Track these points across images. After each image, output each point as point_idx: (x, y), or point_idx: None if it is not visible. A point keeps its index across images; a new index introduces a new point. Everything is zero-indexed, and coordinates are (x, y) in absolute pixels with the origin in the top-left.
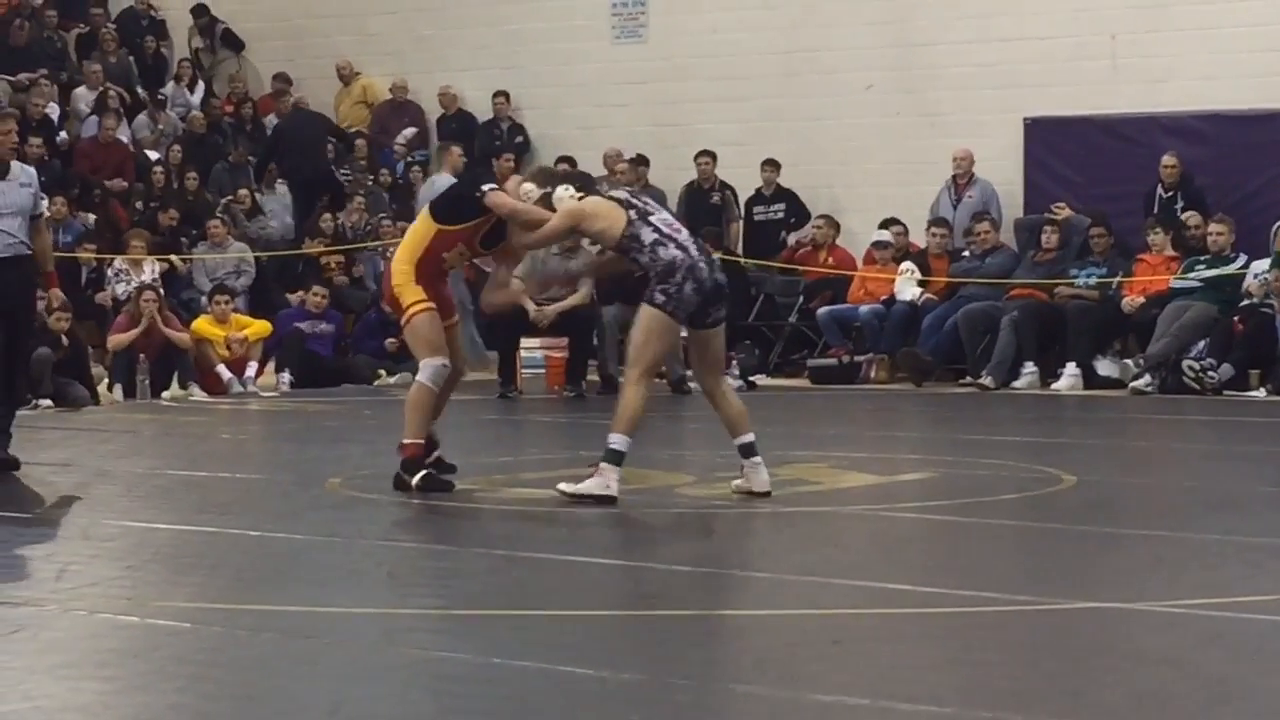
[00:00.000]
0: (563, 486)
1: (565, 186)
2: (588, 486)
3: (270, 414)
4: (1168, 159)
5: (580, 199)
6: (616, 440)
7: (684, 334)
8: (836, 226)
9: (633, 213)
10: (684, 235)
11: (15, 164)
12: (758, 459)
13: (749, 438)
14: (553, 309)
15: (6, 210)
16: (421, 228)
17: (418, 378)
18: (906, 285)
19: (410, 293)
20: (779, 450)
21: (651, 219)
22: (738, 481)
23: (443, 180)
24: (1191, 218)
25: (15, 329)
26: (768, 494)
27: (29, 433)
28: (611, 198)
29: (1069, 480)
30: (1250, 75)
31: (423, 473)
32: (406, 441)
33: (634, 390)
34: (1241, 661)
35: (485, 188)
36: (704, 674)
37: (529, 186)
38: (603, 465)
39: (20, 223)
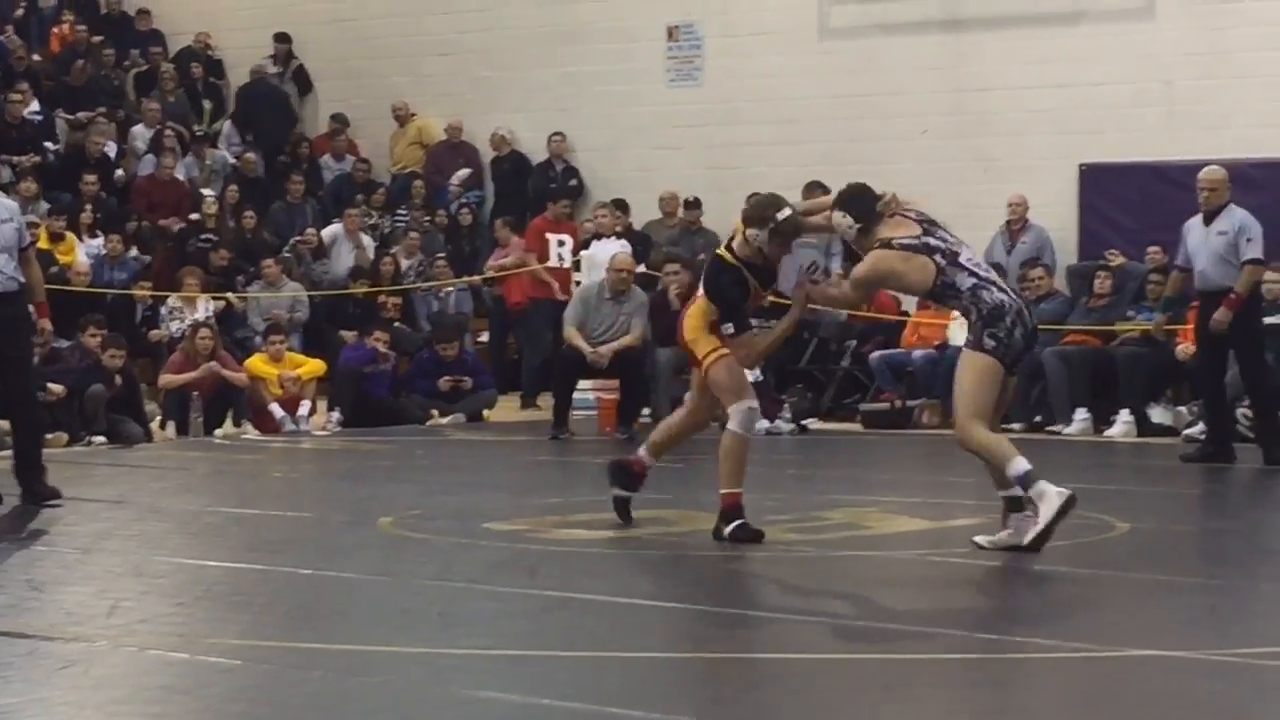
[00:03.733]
0: (1028, 538)
1: (843, 214)
2: (1047, 513)
3: (322, 453)
4: None
5: (859, 228)
6: (1014, 469)
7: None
8: None
9: (939, 257)
10: (995, 275)
11: None
12: (1040, 486)
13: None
14: (608, 349)
15: None
16: (705, 305)
17: (728, 426)
18: (959, 330)
19: (704, 343)
20: (831, 494)
21: (961, 260)
22: (1002, 535)
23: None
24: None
25: (13, 365)
26: (1030, 548)
27: (82, 469)
28: (904, 242)
29: (1122, 527)
30: None
31: (738, 522)
32: (724, 491)
33: (979, 431)
34: None
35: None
36: (754, 717)
37: (845, 220)
38: (1032, 492)
39: (7, 258)
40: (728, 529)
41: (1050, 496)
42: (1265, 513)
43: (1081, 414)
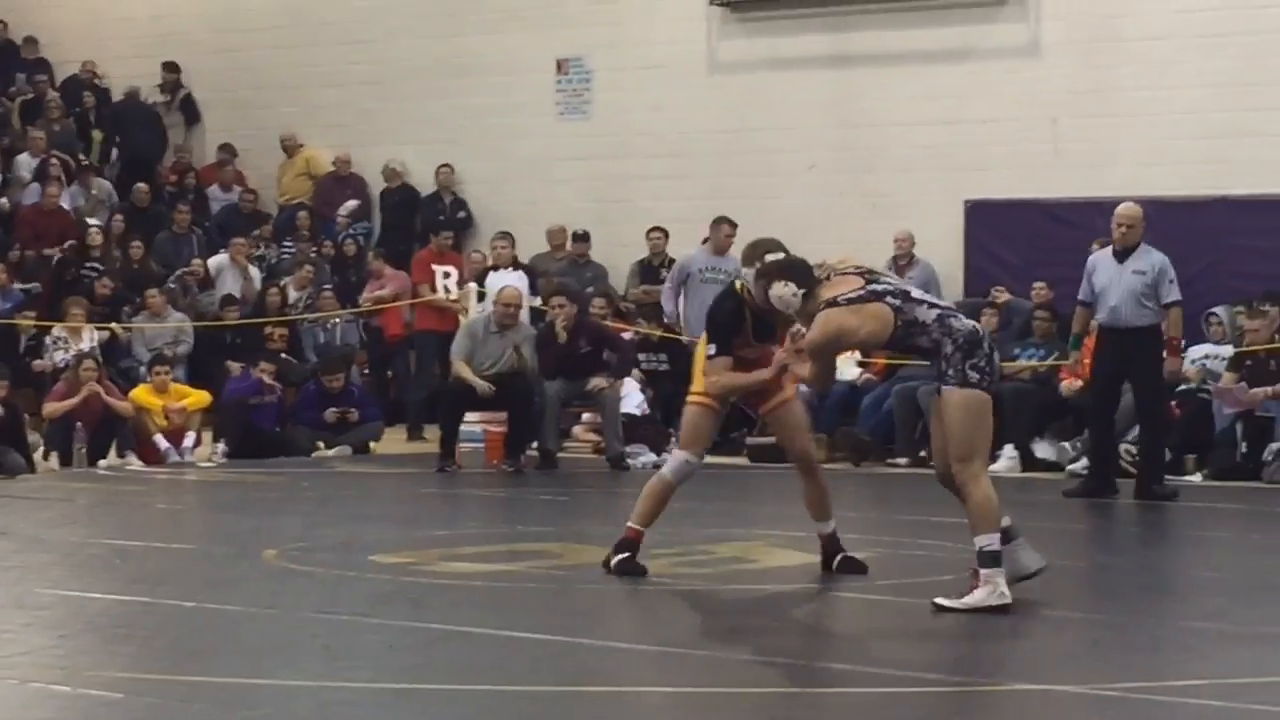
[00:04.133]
0: (941, 601)
1: (785, 283)
2: (977, 598)
3: (207, 485)
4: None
5: (803, 294)
6: (986, 541)
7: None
8: None
9: (890, 299)
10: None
11: None
12: (1021, 540)
13: (1004, 521)
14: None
15: None
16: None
17: (662, 468)
18: (846, 366)
19: (696, 381)
20: (717, 528)
21: (914, 295)
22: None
23: (698, 256)
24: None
25: None
26: (1040, 571)
27: None
28: (849, 296)
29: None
30: (1188, 162)
31: (625, 554)
32: (630, 524)
33: (978, 485)
34: None
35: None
36: None
37: (789, 289)
38: (983, 572)
39: None
40: (615, 559)
41: (997, 591)
42: (1147, 548)
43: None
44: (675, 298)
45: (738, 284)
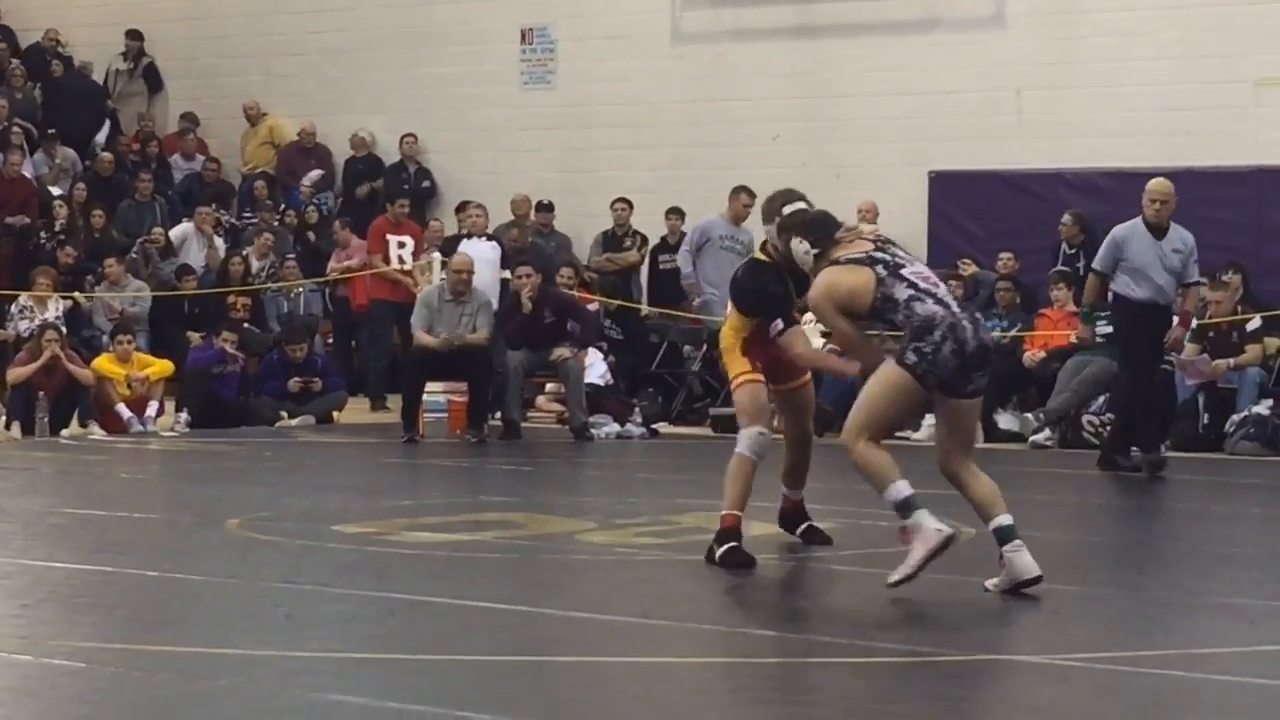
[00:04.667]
0: (894, 577)
1: (799, 239)
2: (918, 553)
3: (170, 454)
4: (1066, 218)
5: (816, 254)
6: (890, 496)
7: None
8: None
9: (880, 268)
10: (943, 290)
11: None
12: (1018, 543)
13: (1006, 520)
14: (456, 338)
15: None
16: (736, 319)
17: (737, 448)
18: (812, 336)
19: (735, 364)
20: (681, 498)
21: (904, 272)
22: (993, 581)
23: (717, 223)
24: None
25: None
26: (1038, 579)
27: None
28: (850, 256)
29: (968, 532)
30: (1152, 133)
31: (731, 544)
32: (724, 513)
33: (856, 448)
34: (1135, 716)
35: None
36: None
37: (802, 246)
38: (906, 525)
39: None
40: (720, 550)
41: (927, 533)
42: (1109, 518)
43: (930, 419)
44: (693, 261)
45: (762, 256)
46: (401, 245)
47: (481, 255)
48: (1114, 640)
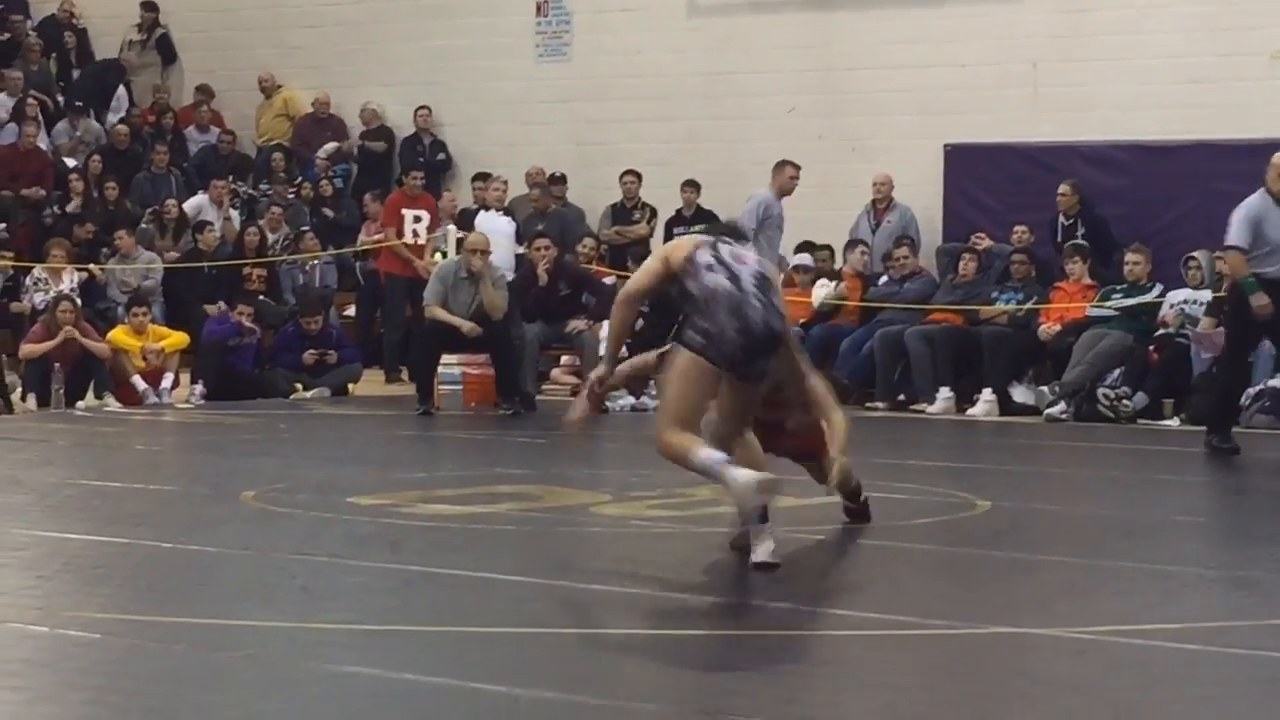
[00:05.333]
0: (731, 538)
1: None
2: (743, 511)
3: (185, 426)
4: (1063, 188)
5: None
6: (698, 461)
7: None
8: None
9: (705, 246)
10: (747, 270)
11: None
12: (768, 527)
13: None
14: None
15: None
16: None
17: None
18: (821, 290)
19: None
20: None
21: (721, 249)
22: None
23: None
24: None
25: None
26: (770, 566)
27: None
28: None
29: (983, 505)
30: (1168, 106)
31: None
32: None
33: (663, 444)
34: (1149, 689)
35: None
36: (615, 692)
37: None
38: (725, 481)
39: None
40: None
41: (742, 482)
42: (1124, 491)
43: (945, 393)
44: (756, 236)
45: None
46: (418, 219)
47: (497, 229)
48: (1129, 614)
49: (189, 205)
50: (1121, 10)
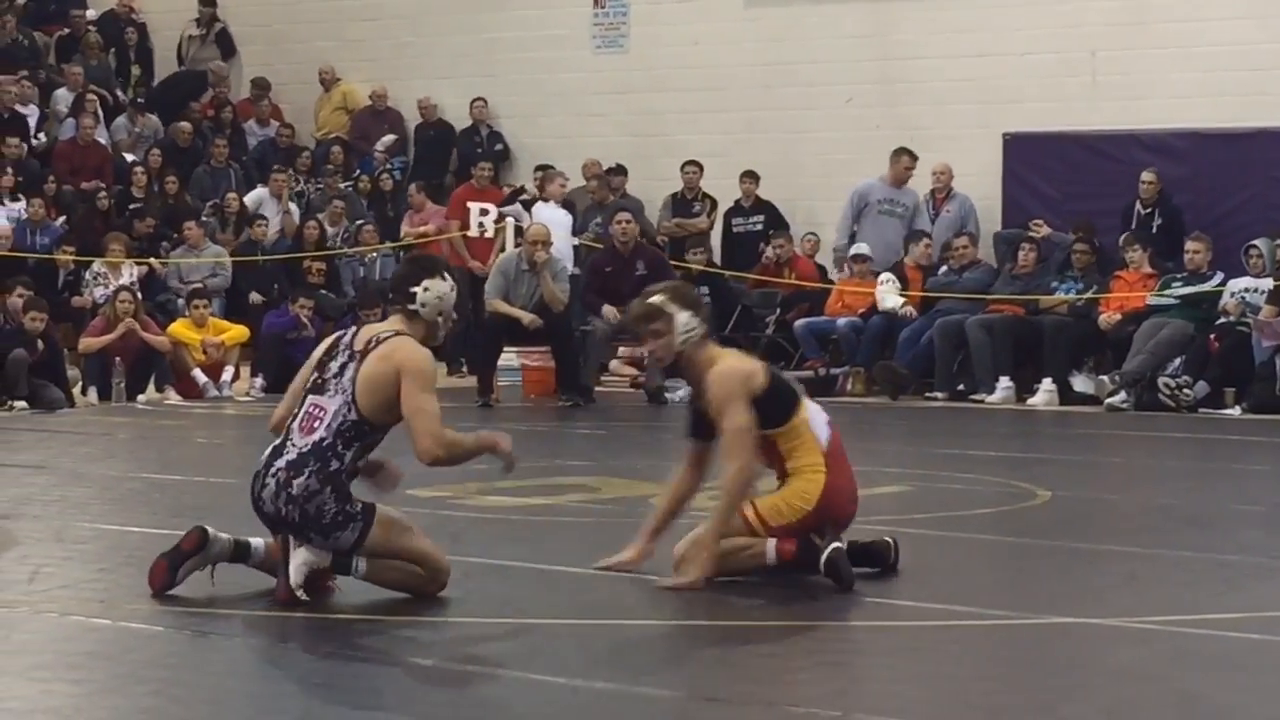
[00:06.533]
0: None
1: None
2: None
3: (245, 419)
4: (1147, 175)
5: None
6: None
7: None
8: (797, 241)
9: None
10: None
11: None
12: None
13: None
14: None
15: None
16: None
17: None
18: (888, 295)
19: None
20: None
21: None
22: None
23: (876, 186)
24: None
25: None
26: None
27: (3, 434)
28: None
29: (1043, 495)
30: (1228, 94)
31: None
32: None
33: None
34: (1212, 678)
35: None
36: (677, 684)
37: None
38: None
39: None
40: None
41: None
42: (1184, 480)
43: (1004, 382)
44: (850, 228)
45: None
46: (484, 212)
47: (556, 220)
48: (1189, 603)
49: (249, 199)
50: None
